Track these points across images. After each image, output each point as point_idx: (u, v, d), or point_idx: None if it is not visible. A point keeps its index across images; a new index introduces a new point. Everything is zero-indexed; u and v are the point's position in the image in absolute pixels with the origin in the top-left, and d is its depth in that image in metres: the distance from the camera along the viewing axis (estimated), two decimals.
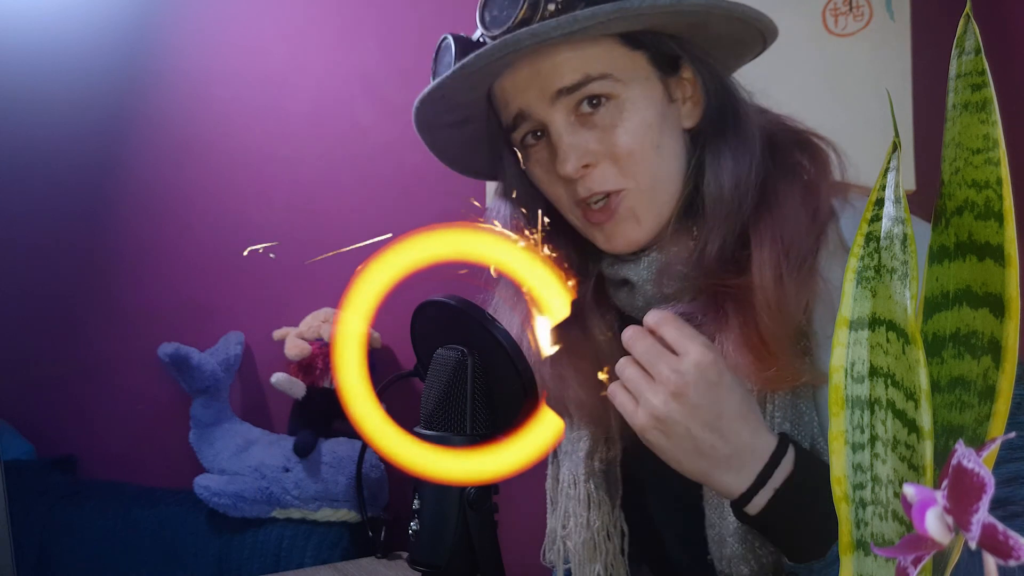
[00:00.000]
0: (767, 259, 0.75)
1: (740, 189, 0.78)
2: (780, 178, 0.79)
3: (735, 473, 0.65)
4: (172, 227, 2.13)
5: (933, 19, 1.54)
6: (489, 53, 0.74)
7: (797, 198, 0.78)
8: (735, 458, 0.64)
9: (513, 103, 0.81)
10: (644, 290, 0.83)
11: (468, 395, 0.69)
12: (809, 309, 0.75)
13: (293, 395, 1.81)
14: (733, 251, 0.78)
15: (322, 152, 1.99)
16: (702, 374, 0.63)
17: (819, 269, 0.75)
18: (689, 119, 0.83)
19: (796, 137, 0.83)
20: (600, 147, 0.78)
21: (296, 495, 1.72)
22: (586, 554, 0.88)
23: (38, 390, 2.20)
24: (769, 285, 0.74)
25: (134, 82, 2.16)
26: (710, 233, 0.79)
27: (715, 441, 0.64)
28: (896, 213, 0.43)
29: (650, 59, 0.80)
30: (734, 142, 0.80)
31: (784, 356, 0.73)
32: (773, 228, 0.76)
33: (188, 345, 1.83)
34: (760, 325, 0.73)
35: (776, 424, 0.76)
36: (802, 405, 0.76)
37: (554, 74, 0.77)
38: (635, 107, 0.78)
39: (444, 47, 0.82)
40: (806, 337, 0.76)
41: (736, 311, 0.75)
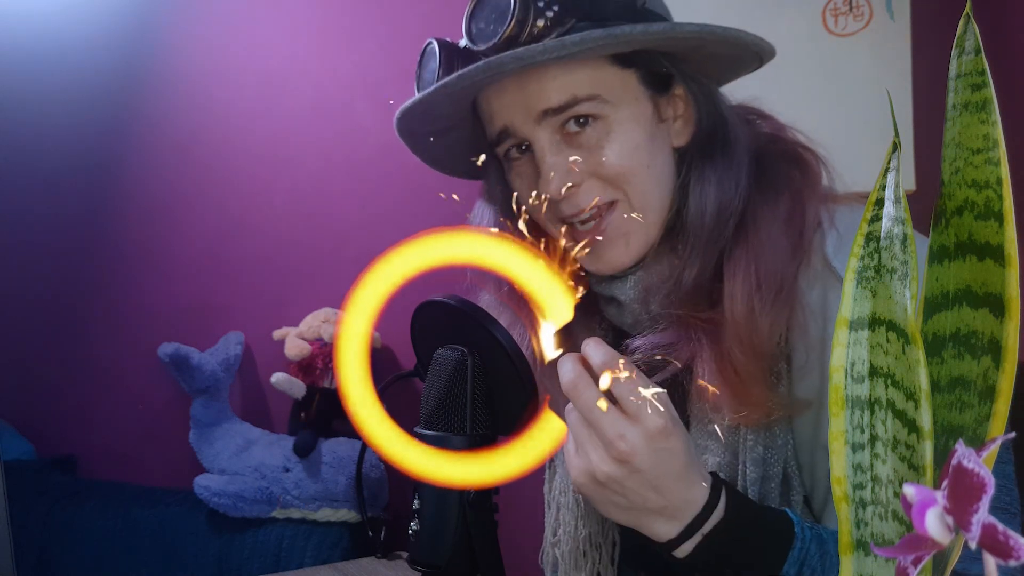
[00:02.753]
0: (739, 293, 0.74)
1: (722, 216, 0.76)
2: (763, 202, 0.77)
3: (665, 521, 0.63)
4: (172, 227, 2.13)
5: (933, 19, 1.54)
6: (472, 75, 0.72)
7: (780, 223, 0.76)
8: (668, 509, 0.63)
9: (498, 119, 0.78)
10: (631, 308, 0.82)
11: (468, 395, 0.69)
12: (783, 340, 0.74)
13: (293, 395, 1.81)
14: (709, 281, 0.77)
15: (322, 152, 1.99)
16: (650, 443, 0.60)
17: (798, 293, 0.74)
18: (679, 138, 0.81)
19: (786, 152, 0.81)
20: (585, 167, 0.76)
21: (296, 495, 1.72)
22: (572, 563, 0.88)
23: (38, 390, 2.20)
24: (741, 320, 0.73)
25: (134, 82, 2.16)
26: (688, 260, 0.77)
27: (650, 496, 0.62)
28: (896, 213, 0.43)
29: (641, 78, 0.78)
30: (721, 166, 0.78)
31: (757, 390, 0.72)
32: (747, 260, 0.75)
33: (188, 345, 1.83)
34: (733, 359, 0.72)
35: (749, 448, 0.75)
36: (776, 428, 0.75)
37: (540, 94, 0.75)
38: (623, 128, 0.76)
39: (429, 53, 0.80)
40: (778, 369, 0.75)
41: (710, 343, 0.74)
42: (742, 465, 0.76)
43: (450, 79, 0.73)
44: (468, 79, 0.72)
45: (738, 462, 0.76)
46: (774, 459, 0.75)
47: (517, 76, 0.75)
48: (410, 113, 0.80)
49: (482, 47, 0.74)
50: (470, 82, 0.73)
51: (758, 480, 0.75)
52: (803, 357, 0.74)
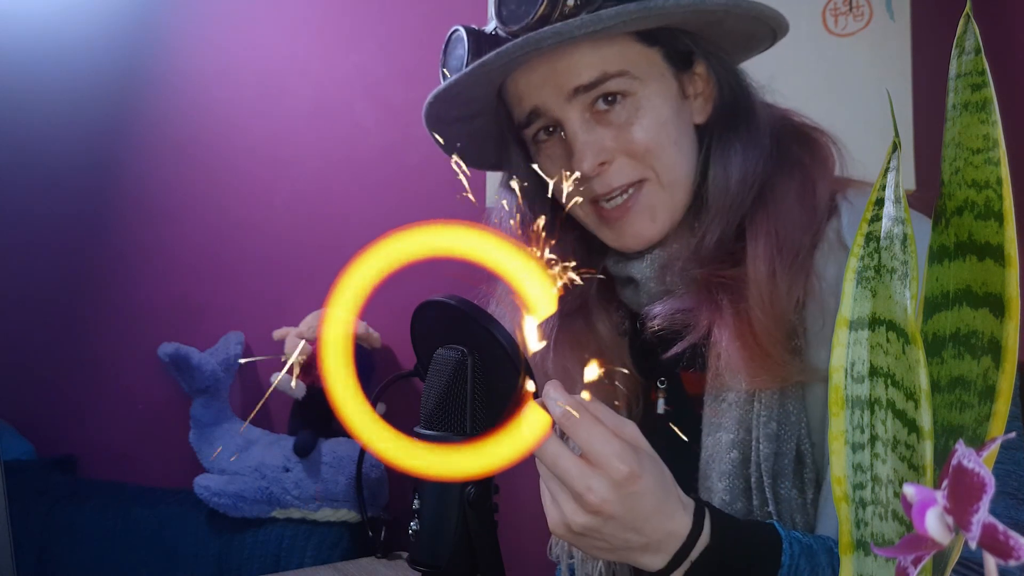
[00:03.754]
0: (761, 253, 0.75)
1: (746, 182, 0.78)
2: (779, 174, 0.79)
3: (652, 555, 0.63)
4: (172, 227, 2.13)
5: (933, 19, 1.54)
6: (510, 51, 0.73)
7: (794, 194, 0.78)
8: (651, 545, 0.62)
9: (527, 100, 0.79)
10: (647, 287, 0.83)
11: (468, 395, 0.69)
12: (800, 305, 0.75)
13: (293, 395, 1.81)
14: (730, 243, 0.78)
15: (322, 153, 1.99)
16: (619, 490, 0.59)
17: (814, 266, 0.75)
18: (700, 115, 0.83)
19: (798, 131, 0.83)
20: (616, 144, 0.77)
21: (296, 495, 1.72)
22: (583, 552, 0.88)
23: (38, 390, 2.20)
24: (763, 279, 0.74)
25: (134, 82, 2.16)
26: (711, 223, 0.79)
27: (630, 537, 0.61)
28: (896, 213, 0.43)
29: (664, 55, 0.79)
30: (745, 136, 0.80)
31: (775, 352, 0.73)
32: (768, 223, 0.76)
33: (188, 345, 1.83)
34: (752, 319, 0.73)
35: (762, 424, 0.75)
36: (790, 405, 0.75)
37: (571, 72, 0.76)
38: (651, 104, 0.78)
39: (455, 39, 0.81)
40: (796, 335, 0.76)
41: (730, 302, 0.75)
42: (755, 442, 0.76)
43: (488, 57, 0.74)
44: (506, 56, 0.73)
45: (751, 438, 0.76)
46: (787, 435, 0.75)
47: (548, 57, 0.76)
48: (443, 97, 0.81)
49: (514, 27, 0.75)
50: (508, 59, 0.74)
51: (771, 456, 0.75)
52: (819, 324, 0.75)
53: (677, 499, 0.64)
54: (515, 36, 0.75)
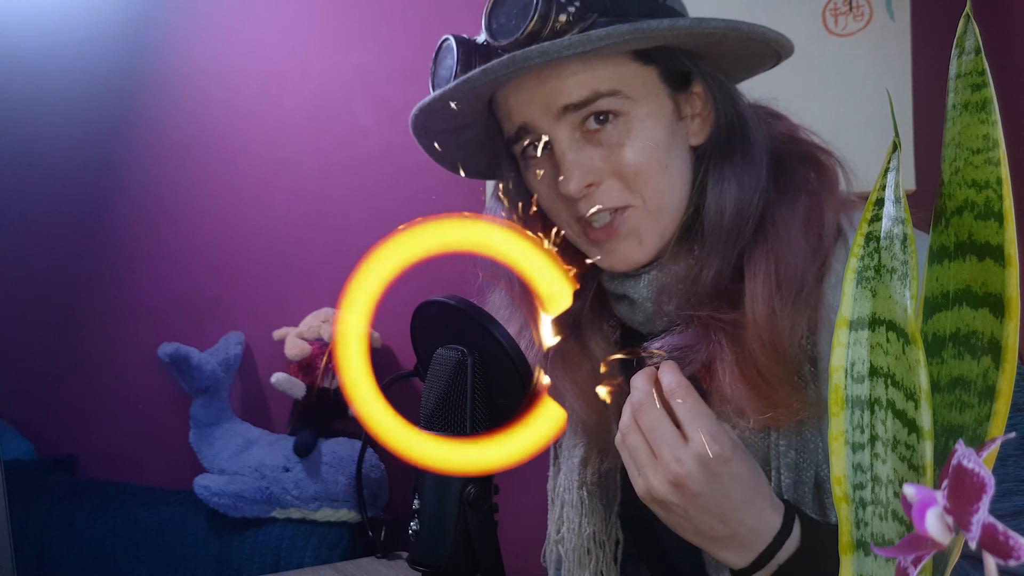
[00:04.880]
0: (759, 293, 0.73)
1: (741, 216, 0.76)
2: (781, 203, 0.76)
3: (735, 551, 0.63)
4: (172, 227, 2.13)
5: (933, 19, 1.54)
6: (496, 69, 0.71)
7: (798, 224, 0.75)
8: (736, 539, 0.62)
9: (516, 116, 0.77)
10: (644, 307, 0.81)
11: (468, 395, 0.69)
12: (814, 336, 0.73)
13: (293, 395, 1.81)
14: (728, 282, 0.76)
15: (322, 153, 1.99)
16: (704, 466, 0.60)
17: (823, 295, 0.73)
18: (697, 136, 0.80)
19: (804, 154, 0.80)
20: (605, 165, 0.75)
21: (296, 495, 1.72)
22: (576, 560, 0.87)
23: (38, 390, 2.20)
24: (762, 321, 0.72)
25: (134, 82, 2.16)
26: (706, 260, 0.76)
27: (715, 524, 0.61)
28: (896, 213, 0.43)
29: (661, 75, 0.77)
30: (740, 165, 0.77)
31: (782, 390, 0.71)
32: (767, 260, 0.74)
33: (188, 345, 1.83)
34: (756, 360, 0.71)
35: (782, 453, 0.74)
36: (807, 433, 0.74)
37: (561, 90, 0.74)
38: (643, 125, 0.75)
39: (445, 49, 0.78)
40: (812, 363, 0.74)
41: (731, 345, 0.73)
42: (775, 472, 0.75)
43: (473, 74, 0.72)
44: (492, 73, 0.71)
45: (771, 468, 0.75)
46: (806, 464, 0.74)
47: (537, 72, 0.74)
48: (428, 109, 0.79)
49: (503, 42, 0.73)
50: (493, 77, 0.72)
51: (791, 486, 0.74)
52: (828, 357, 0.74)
53: (767, 498, 0.64)
54: (505, 51, 0.72)
